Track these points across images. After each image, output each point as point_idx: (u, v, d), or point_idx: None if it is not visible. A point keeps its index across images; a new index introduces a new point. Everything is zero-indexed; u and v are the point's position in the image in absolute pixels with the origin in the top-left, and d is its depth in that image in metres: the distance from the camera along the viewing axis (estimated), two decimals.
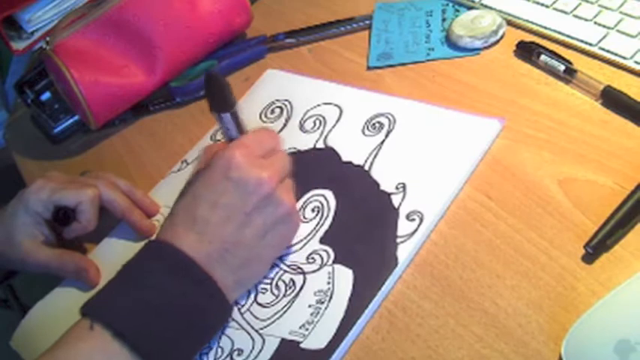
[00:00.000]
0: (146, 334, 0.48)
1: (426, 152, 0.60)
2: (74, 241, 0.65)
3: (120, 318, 0.48)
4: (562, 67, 0.64)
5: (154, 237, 0.55)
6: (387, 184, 0.59)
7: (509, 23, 0.72)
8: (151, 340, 0.48)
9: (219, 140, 0.71)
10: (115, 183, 0.66)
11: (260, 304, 0.55)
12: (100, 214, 0.64)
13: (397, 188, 0.58)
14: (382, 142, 0.62)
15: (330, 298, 0.53)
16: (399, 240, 0.55)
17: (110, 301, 0.50)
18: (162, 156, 0.75)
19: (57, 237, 0.64)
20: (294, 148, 0.66)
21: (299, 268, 0.56)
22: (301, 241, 0.58)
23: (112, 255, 0.63)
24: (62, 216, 0.63)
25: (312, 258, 0.57)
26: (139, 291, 0.50)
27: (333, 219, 0.59)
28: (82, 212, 0.62)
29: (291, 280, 0.56)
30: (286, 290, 0.55)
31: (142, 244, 0.53)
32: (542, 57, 0.66)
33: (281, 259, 0.58)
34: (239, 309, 0.56)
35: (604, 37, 0.65)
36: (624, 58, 0.63)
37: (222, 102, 0.56)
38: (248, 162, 0.54)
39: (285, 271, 0.57)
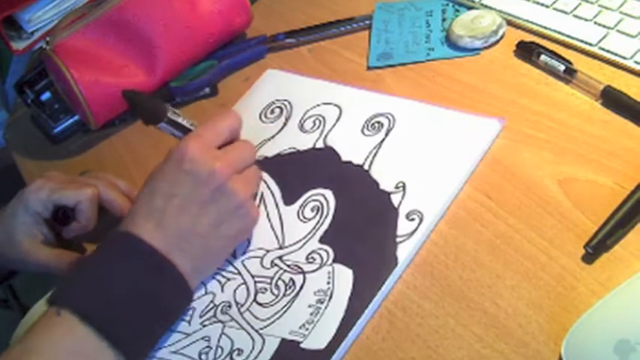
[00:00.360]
0: (111, 318, 0.50)
1: (426, 152, 0.60)
2: (73, 241, 0.65)
3: (85, 303, 0.50)
4: (562, 67, 0.64)
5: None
6: (386, 184, 0.59)
7: (509, 23, 0.72)
8: (116, 323, 0.50)
9: None
10: (115, 183, 0.66)
11: (260, 304, 0.55)
12: (100, 214, 0.64)
13: (397, 187, 0.58)
14: (382, 142, 0.62)
15: (330, 297, 0.53)
16: (398, 239, 0.55)
17: (75, 288, 0.52)
18: (162, 156, 0.74)
19: (56, 237, 0.64)
20: (294, 148, 0.66)
21: (299, 267, 0.56)
22: (300, 240, 0.58)
23: None
24: (61, 215, 0.63)
25: (312, 258, 0.57)
26: (103, 278, 0.52)
27: (333, 218, 0.59)
28: (81, 212, 0.62)
29: (291, 279, 0.56)
30: (286, 290, 0.55)
31: None
32: (542, 57, 0.66)
33: (280, 258, 0.58)
34: (239, 308, 0.56)
35: (604, 37, 0.65)
36: (624, 58, 0.63)
37: (150, 115, 0.60)
38: (201, 153, 0.55)
39: (285, 271, 0.57)
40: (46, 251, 0.62)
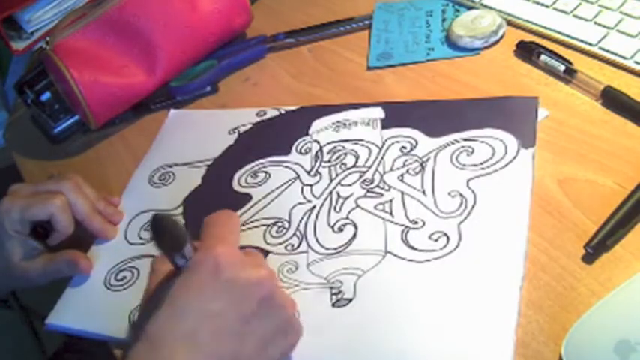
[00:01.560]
0: None
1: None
2: (62, 244, 0.66)
3: None
4: (562, 67, 0.64)
5: None
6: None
7: (509, 23, 0.72)
8: None
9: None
10: (81, 187, 0.65)
11: None
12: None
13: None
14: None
15: None
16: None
17: None
18: None
19: (45, 244, 0.64)
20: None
21: None
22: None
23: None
24: (41, 231, 0.63)
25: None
26: None
27: None
28: (57, 222, 0.62)
29: None
30: None
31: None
32: (542, 57, 0.66)
33: None
34: None
35: (604, 37, 0.65)
36: (624, 58, 0.63)
37: (173, 243, 0.45)
38: (238, 259, 0.46)
39: None
40: (41, 261, 0.62)
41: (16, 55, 0.95)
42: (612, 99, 0.60)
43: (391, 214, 0.57)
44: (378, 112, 0.67)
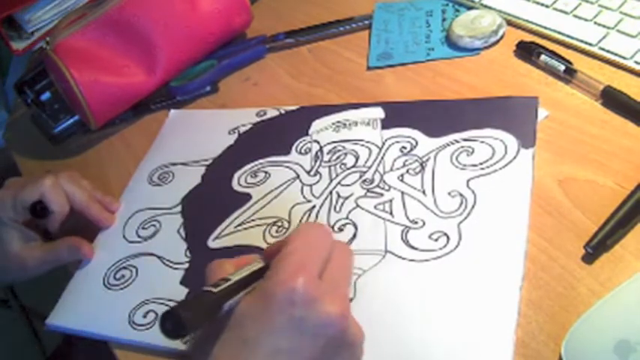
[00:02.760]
0: None
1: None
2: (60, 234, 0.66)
3: None
4: (562, 67, 0.64)
5: None
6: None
7: (509, 23, 0.72)
8: None
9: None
10: (76, 178, 0.66)
11: None
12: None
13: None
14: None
15: None
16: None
17: None
18: None
19: (43, 235, 0.65)
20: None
21: None
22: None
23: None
24: (40, 210, 0.63)
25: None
26: None
27: None
28: (50, 201, 0.63)
29: None
30: None
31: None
32: (542, 57, 0.66)
33: None
34: None
35: (604, 37, 0.65)
36: (624, 58, 0.63)
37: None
38: (314, 292, 0.42)
39: None
40: (39, 250, 0.63)
41: (16, 55, 0.95)
42: (612, 99, 0.60)
43: (391, 213, 0.57)
44: (378, 112, 0.67)
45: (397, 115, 0.66)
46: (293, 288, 0.42)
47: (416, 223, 0.56)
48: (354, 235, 0.57)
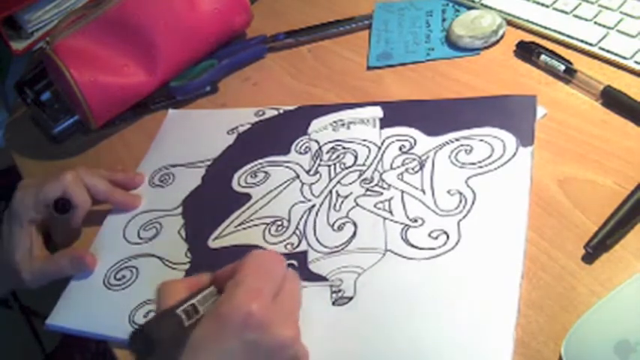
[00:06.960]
0: None
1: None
2: (63, 244, 0.66)
3: None
4: (562, 67, 0.64)
5: None
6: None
7: (509, 23, 0.72)
8: None
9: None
10: (92, 171, 0.66)
11: None
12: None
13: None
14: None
15: None
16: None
17: None
18: None
19: (46, 244, 0.65)
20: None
21: None
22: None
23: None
24: (61, 205, 0.63)
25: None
26: None
27: None
28: (73, 196, 0.63)
29: None
30: None
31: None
32: (542, 57, 0.66)
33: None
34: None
35: (604, 37, 0.65)
36: (624, 58, 0.63)
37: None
38: (269, 317, 0.44)
39: None
40: (40, 262, 0.62)
41: (16, 55, 0.95)
42: (612, 99, 0.60)
43: (391, 212, 0.57)
44: (377, 111, 0.67)
45: (396, 114, 0.66)
46: (248, 312, 0.43)
47: (415, 221, 0.56)
48: (354, 234, 0.57)
